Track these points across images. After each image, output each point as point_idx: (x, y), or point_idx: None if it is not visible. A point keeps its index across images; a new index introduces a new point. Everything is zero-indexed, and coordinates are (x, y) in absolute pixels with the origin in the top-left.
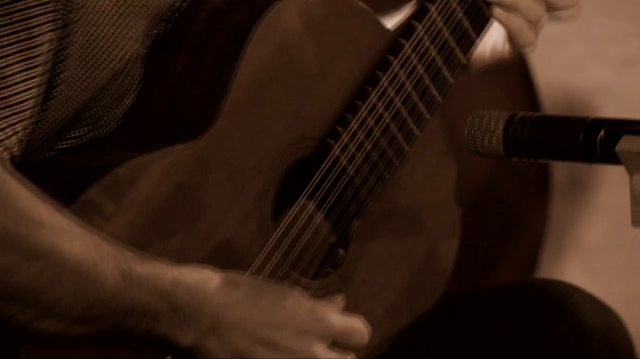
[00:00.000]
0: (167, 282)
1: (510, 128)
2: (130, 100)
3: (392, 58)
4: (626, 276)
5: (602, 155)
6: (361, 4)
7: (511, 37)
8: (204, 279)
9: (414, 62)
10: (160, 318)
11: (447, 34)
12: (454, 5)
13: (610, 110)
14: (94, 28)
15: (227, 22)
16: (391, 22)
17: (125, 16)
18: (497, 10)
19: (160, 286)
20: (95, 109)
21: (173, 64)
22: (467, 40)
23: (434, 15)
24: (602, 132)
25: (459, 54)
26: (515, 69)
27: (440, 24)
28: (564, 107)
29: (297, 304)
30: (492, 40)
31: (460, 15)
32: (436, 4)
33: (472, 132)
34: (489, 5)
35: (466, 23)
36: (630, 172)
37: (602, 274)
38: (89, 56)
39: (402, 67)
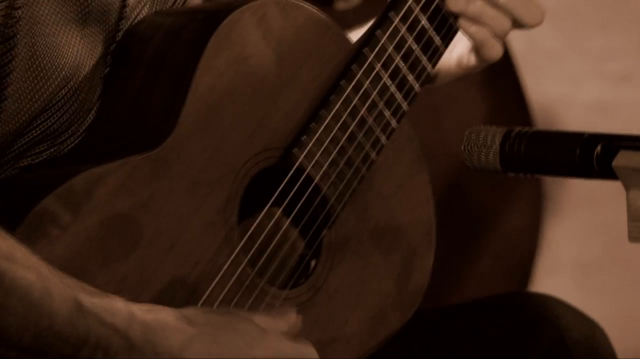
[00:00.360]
0: (122, 317)
1: (506, 143)
2: (91, 118)
3: (355, 67)
4: (622, 293)
5: (599, 170)
6: (321, 14)
7: (476, 49)
8: (160, 319)
9: (379, 70)
10: (115, 353)
11: (411, 42)
12: (416, 13)
13: (607, 126)
14: (36, 38)
15: (183, 36)
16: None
17: (66, 23)
18: (462, 22)
19: (115, 321)
20: (54, 126)
21: (132, 80)
22: (433, 49)
23: (397, 24)
24: (598, 148)
25: (425, 62)
26: (506, 84)
27: (404, 33)
28: (560, 123)
29: (255, 335)
30: (459, 51)
31: (424, 23)
32: (399, 13)
33: (469, 147)
34: (455, 16)
35: (431, 32)
36: (627, 187)
37: (597, 291)
38: (33, 67)
39: (366, 76)
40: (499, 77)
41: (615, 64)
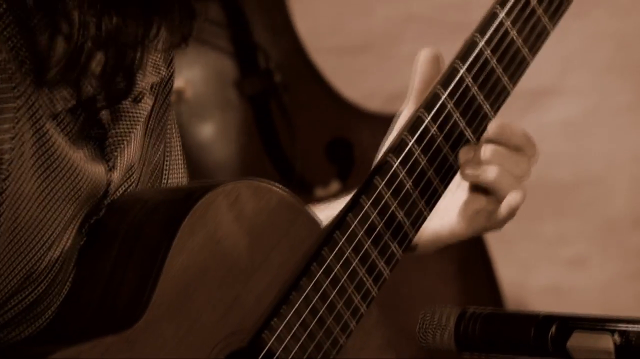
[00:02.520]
0: None
1: (461, 324)
2: (66, 290)
3: (326, 251)
4: None
5: (553, 351)
6: (293, 197)
7: (494, 190)
8: None
9: (349, 255)
10: None
11: (381, 228)
12: (387, 198)
13: (561, 308)
14: (19, 212)
15: (158, 215)
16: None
17: (52, 200)
18: (468, 171)
19: None
20: (28, 300)
21: (106, 254)
22: (402, 235)
23: (368, 209)
24: (553, 328)
25: (395, 248)
26: (476, 268)
27: (375, 218)
28: (515, 305)
29: None
30: (450, 219)
31: (394, 208)
32: (370, 198)
33: (424, 327)
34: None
35: (400, 216)
36: None
37: None
38: (14, 240)
39: (336, 260)
40: (467, 263)
41: (568, 249)
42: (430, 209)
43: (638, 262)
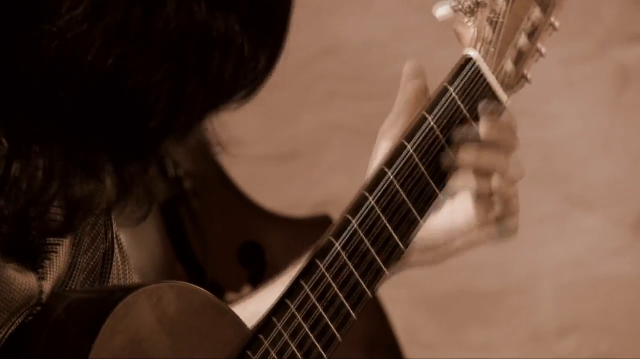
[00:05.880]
0: None
1: None
2: None
3: (250, 354)
4: None
5: None
6: (217, 299)
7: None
8: None
9: (274, 357)
10: None
11: (307, 330)
12: (314, 301)
13: None
14: None
15: (81, 315)
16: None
17: None
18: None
19: None
20: None
21: (28, 355)
22: (330, 337)
23: (294, 312)
24: None
25: (321, 351)
26: None
27: (300, 320)
28: None
29: None
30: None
31: (321, 311)
32: (294, 302)
33: None
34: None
35: (326, 319)
36: None
37: None
38: None
39: None
40: None
41: (495, 355)
42: (357, 312)
43: None
